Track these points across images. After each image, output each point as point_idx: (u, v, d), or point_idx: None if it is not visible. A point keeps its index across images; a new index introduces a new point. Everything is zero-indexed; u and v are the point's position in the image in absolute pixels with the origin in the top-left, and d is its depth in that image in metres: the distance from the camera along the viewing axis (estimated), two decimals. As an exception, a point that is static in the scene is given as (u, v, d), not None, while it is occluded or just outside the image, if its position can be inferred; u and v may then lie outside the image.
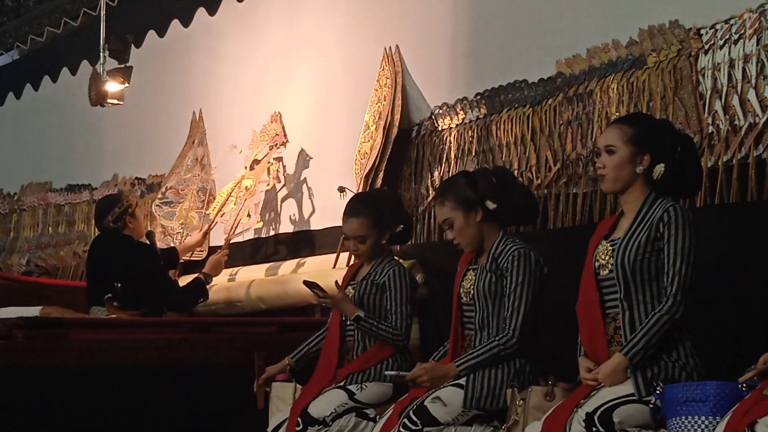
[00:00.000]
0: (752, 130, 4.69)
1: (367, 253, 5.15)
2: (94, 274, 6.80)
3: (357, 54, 6.95)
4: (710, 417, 3.57)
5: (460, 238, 4.64)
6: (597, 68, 5.42)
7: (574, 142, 5.50)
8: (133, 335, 6.03)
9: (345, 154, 6.78)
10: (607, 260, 4.01)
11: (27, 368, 5.76)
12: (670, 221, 3.90)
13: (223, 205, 7.40)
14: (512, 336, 4.45)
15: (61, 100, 9.90)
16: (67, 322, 6.09)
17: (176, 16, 8.61)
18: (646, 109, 5.11)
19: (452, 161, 6.20)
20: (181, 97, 8.49)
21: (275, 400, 5.23)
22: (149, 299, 6.51)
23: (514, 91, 5.87)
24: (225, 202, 7.41)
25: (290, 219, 7.40)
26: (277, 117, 7.41)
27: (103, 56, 7.95)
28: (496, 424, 4.42)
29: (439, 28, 6.42)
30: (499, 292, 4.52)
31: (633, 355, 3.85)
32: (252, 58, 7.91)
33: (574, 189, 5.49)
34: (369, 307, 5.07)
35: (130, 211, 6.75)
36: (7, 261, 10.19)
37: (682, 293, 3.86)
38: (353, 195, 5.44)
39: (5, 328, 5.80)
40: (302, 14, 7.51)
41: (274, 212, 7.55)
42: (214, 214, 7.45)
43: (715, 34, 4.86)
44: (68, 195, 9.78)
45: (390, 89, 6.48)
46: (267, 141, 7.39)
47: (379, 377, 4.99)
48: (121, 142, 9.21)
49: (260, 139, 7.44)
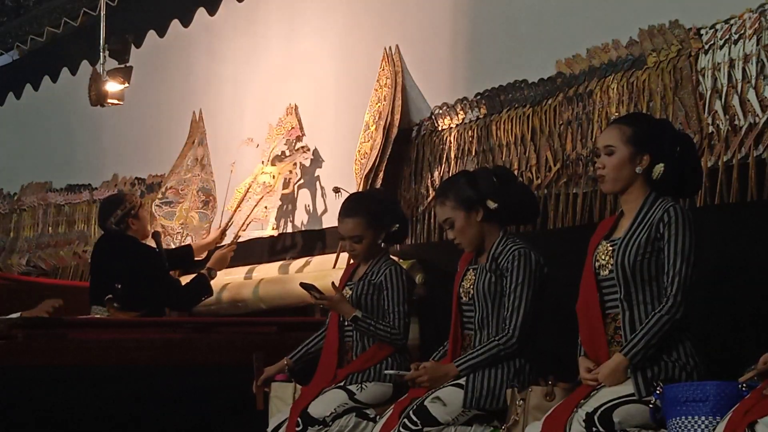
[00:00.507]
0: (752, 130, 4.69)
1: (364, 253, 5.15)
2: (97, 274, 6.80)
3: (357, 54, 6.95)
4: (710, 417, 3.57)
5: (461, 237, 4.64)
6: (597, 68, 5.42)
7: (574, 142, 5.50)
8: (133, 335, 6.03)
9: (345, 154, 6.78)
10: (607, 260, 4.01)
11: (27, 368, 5.76)
12: (670, 221, 3.90)
13: (241, 201, 7.39)
14: (512, 336, 4.44)
15: (61, 100, 9.90)
16: (67, 322, 6.10)
17: (176, 16, 8.61)
18: (646, 109, 5.11)
19: (452, 161, 6.20)
20: (181, 97, 8.49)
21: (275, 400, 5.23)
22: (150, 301, 6.51)
23: (514, 91, 5.87)
24: (243, 198, 7.39)
25: (293, 219, 7.40)
26: (292, 110, 7.40)
27: (103, 56, 7.96)
28: (496, 424, 4.41)
29: (439, 28, 6.42)
30: (498, 291, 4.52)
31: (633, 355, 3.84)
32: (252, 58, 7.91)
33: (574, 189, 5.49)
34: (366, 307, 5.07)
35: (133, 212, 6.75)
36: (7, 261, 10.19)
37: (683, 293, 3.85)
38: (348, 195, 5.43)
39: (5, 328, 5.81)
40: (302, 14, 7.51)
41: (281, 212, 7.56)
42: (233, 210, 7.42)
43: (715, 34, 4.86)
44: (68, 195, 9.78)
45: (390, 89, 6.48)
46: (283, 134, 7.40)
47: (379, 377, 4.99)
48: (121, 142, 9.21)
49: (276, 132, 7.45)
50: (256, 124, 7.74)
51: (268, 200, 7.34)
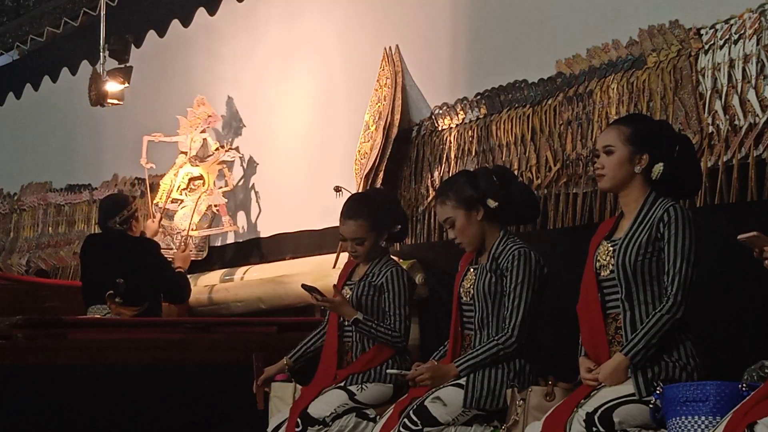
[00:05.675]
0: (752, 130, 4.69)
1: (365, 255, 5.15)
2: (94, 273, 6.79)
3: (357, 54, 6.95)
4: (710, 417, 3.57)
5: (462, 237, 4.64)
6: (597, 68, 5.42)
7: (574, 142, 5.50)
8: (133, 335, 6.04)
9: (345, 154, 6.78)
10: (608, 260, 4.01)
11: (27, 368, 5.76)
12: (670, 221, 3.90)
13: (170, 191, 7.67)
14: (511, 335, 4.45)
15: (61, 100, 9.90)
16: (67, 322, 6.10)
17: (176, 16, 8.61)
18: (646, 109, 5.11)
19: (452, 161, 6.20)
20: (181, 97, 8.48)
21: (275, 400, 5.23)
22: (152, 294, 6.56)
23: (514, 91, 5.87)
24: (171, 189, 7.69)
25: (291, 219, 7.40)
26: (202, 101, 7.72)
27: (103, 56, 7.96)
28: (496, 424, 4.42)
29: (439, 28, 6.42)
30: (499, 291, 4.52)
31: (633, 355, 3.84)
32: (252, 58, 7.92)
33: (574, 189, 5.49)
34: (367, 309, 5.07)
35: (136, 214, 6.87)
36: (7, 261, 10.19)
37: (683, 293, 3.86)
38: (350, 196, 5.43)
39: (5, 328, 5.81)
40: (302, 14, 7.51)
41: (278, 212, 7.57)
42: (164, 202, 7.69)
43: (715, 34, 4.86)
44: (68, 195, 9.78)
45: (390, 89, 6.48)
46: (201, 124, 7.68)
47: (380, 378, 4.99)
48: (121, 142, 9.21)
49: (191, 124, 7.70)
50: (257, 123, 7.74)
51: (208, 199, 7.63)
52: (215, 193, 7.67)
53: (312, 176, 7.24)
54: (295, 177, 7.41)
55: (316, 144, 7.25)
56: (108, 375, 5.86)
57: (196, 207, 7.59)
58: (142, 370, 5.90)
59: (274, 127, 7.65)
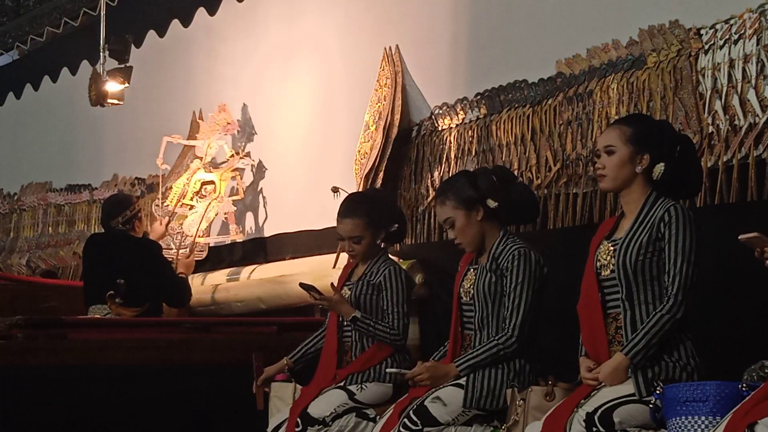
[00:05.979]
0: (752, 130, 4.69)
1: (363, 254, 5.15)
2: (95, 273, 6.79)
3: (357, 54, 6.96)
4: (710, 417, 3.57)
5: (462, 237, 4.64)
6: (597, 68, 5.42)
7: (574, 142, 5.50)
8: (133, 335, 6.04)
9: (345, 154, 6.78)
10: (608, 260, 4.01)
11: (27, 368, 5.76)
12: (671, 221, 3.90)
13: (181, 196, 7.61)
14: (511, 335, 4.45)
15: (61, 100, 9.90)
16: (67, 322, 6.10)
17: (176, 16, 8.62)
18: (646, 109, 5.11)
19: (452, 161, 6.20)
20: (181, 97, 8.49)
21: (275, 400, 5.23)
22: (153, 295, 6.55)
23: (514, 91, 5.87)
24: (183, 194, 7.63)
25: (291, 219, 7.40)
26: (223, 107, 7.65)
27: (103, 56, 7.97)
28: (496, 424, 4.42)
29: (439, 28, 6.42)
30: (499, 291, 4.52)
31: (634, 355, 3.84)
32: (252, 58, 7.92)
33: (574, 189, 5.49)
34: (365, 308, 5.07)
35: (139, 215, 6.86)
36: (7, 261, 10.19)
37: (684, 293, 3.85)
38: (347, 195, 5.43)
39: (5, 328, 5.81)
40: (302, 14, 7.51)
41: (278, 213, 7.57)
42: (173, 205, 7.64)
43: (715, 34, 4.86)
44: (68, 195, 9.79)
45: (390, 89, 6.48)
46: (219, 131, 7.61)
47: (379, 377, 4.99)
48: (121, 142, 9.22)
49: (210, 129, 7.66)
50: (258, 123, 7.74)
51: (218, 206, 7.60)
52: (225, 201, 7.66)
53: (312, 176, 7.24)
54: (295, 177, 7.41)
55: (316, 144, 7.25)
56: (108, 375, 5.86)
57: (205, 214, 7.55)
58: (142, 370, 5.90)
59: (274, 127, 7.66)
